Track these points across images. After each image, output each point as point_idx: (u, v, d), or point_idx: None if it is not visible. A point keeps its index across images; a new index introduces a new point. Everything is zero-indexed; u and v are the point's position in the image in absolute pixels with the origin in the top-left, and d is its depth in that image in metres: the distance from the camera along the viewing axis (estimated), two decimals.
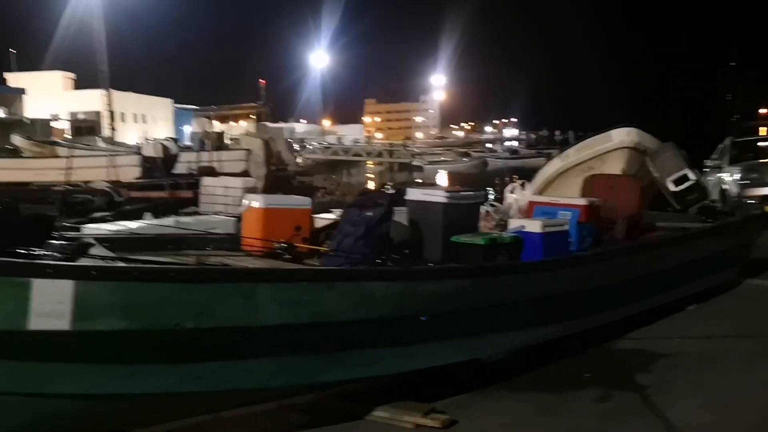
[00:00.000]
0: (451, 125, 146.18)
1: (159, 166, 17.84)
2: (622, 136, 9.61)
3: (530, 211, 6.09)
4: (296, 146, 65.41)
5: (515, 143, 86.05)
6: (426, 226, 5.24)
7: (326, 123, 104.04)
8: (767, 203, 9.22)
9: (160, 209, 16.50)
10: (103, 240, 4.88)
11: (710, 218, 7.67)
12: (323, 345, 3.85)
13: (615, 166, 9.55)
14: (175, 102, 69.38)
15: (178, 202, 16.83)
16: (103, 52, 49.69)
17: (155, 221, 8.85)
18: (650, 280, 5.94)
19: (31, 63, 59.64)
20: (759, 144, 14.27)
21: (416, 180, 47.21)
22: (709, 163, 13.13)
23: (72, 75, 60.80)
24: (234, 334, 3.52)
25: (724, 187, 12.15)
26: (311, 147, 63.87)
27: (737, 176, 11.76)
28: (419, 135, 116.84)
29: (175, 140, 29.81)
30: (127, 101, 61.41)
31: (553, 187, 10.31)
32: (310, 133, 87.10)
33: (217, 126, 52.17)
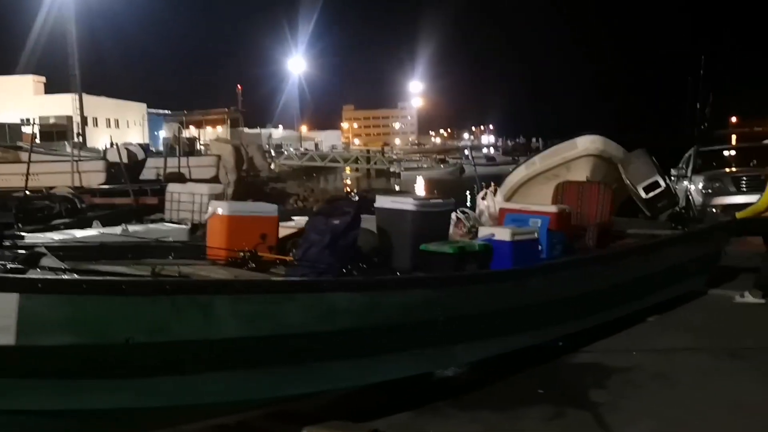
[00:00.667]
0: (430, 132, 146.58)
1: (123, 171, 17.44)
2: (586, 143, 9.56)
3: (501, 218, 6.03)
4: (273, 152, 65.25)
5: (492, 150, 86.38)
6: (395, 235, 5.12)
7: (304, 129, 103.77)
8: (730, 212, 9.17)
9: (123, 216, 16.14)
10: (61, 249, 4.68)
11: (680, 225, 7.63)
12: (284, 359, 3.69)
13: (580, 173, 9.48)
14: (152, 107, 68.67)
15: (142, 209, 16.45)
16: (75, 55, 49.04)
17: (103, 230, 8.53)
18: (620, 288, 5.86)
19: (2, 66, 58.53)
20: (724, 153, 14.33)
21: (395, 186, 47.13)
22: (674, 171, 13.15)
23: (42, 79, 59.88)
24: (190, 349, 3.36)
25: (688, 195, 12.13)
26: (287, 153, 63.52)
27: (700, 185, 11.77)
28: (397, 141, 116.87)
29: (146, 146, 29.39)
30: (100, 106, 60.73)
31: (520, 195, 10.22)
32: (288, 139, 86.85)
33: (193, 131, 51.69)
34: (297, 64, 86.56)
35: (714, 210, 10.93)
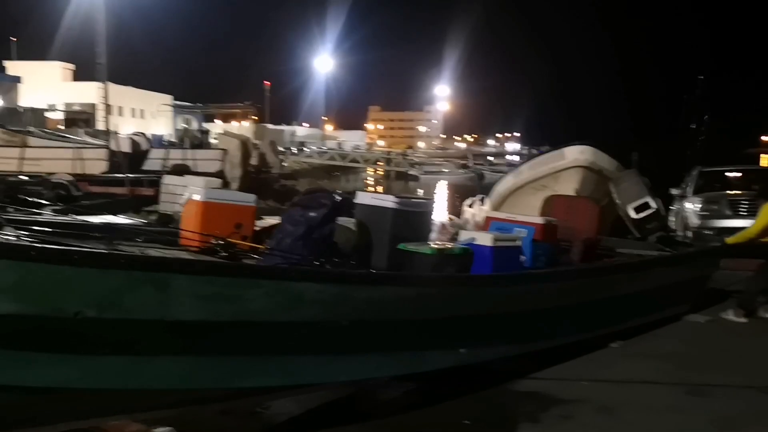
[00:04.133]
0: (455, 136, 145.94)
1: (122, 161, 17.29)
2: (575, 154, 9.16)
3: (487, 226, 5.88)
4: (294, 149, 65.09)
5: (517, 157, 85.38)
6: (373, 232, 4.99)
7: (330, 128, 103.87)
8: (724, 235, 8.75)
9: (119, 205, 15.97)
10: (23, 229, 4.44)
11: (668, 248, 7.35)
12: (244, 347, 3.51)
13: (568, 185, 9.09)
14: (177, 99, 68.96)
15: (138, 200, 16.29)
16: (102, 43, 49.33)
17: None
18: (601, 306, 5.62)
19: (34, 52, 59.28)
20: (727, 175, 13.79)
21: (419, 190, 46.92)
22: (674, 191, 12.67)
23: (71, 66, 60.60)
24: (143, 329, 3.17)
25: (684, 216, 11.64)
26: (308, 151, 63.43)
27: (698, 207, 11.28)
28: (421, 144, 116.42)
29: (159, 137, 29.32)
30: (126, 95, 61.19)
31: (507, 204, 9.84)
32: (311, 137, 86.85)
33: (219, 125, 51.63)
34: (324, 62, 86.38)
35: (709, 232, 10.46)
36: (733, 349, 5.88)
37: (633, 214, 8.37)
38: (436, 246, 4.73)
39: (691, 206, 11.50)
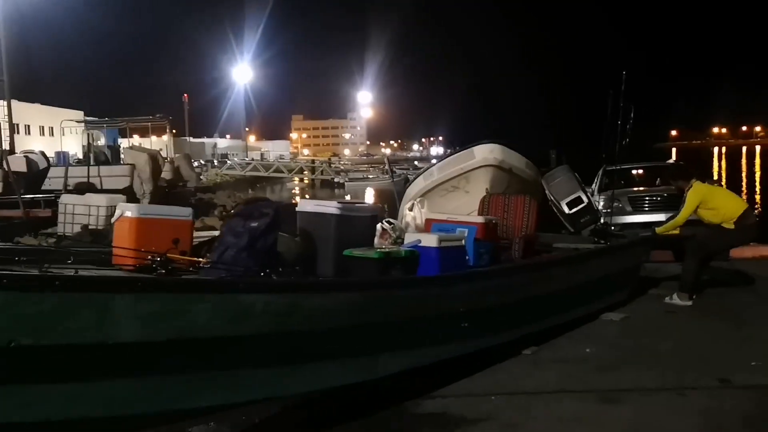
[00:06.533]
0: (381, 143, 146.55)
1: (15, 181, 16.07)
2: (485, 153, 8.94)
3: (428, 228, 5.83)
4: (215, 161, 63.55)
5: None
6: (317, 240, 4.97)
7: (252, 138, 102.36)
8: (627, 231, 8.79)
9: (14, 229, 14.93)
10: None
11: (602, 240, 7.41)
12: (192, 366, 3.31)
13: (479, 184, 8.87)
14: (93, 115, 66.15)
15: (35, 222, 15.22)
16: (3, 60, 46.95)
17: None
18: (545, 299, 5.67)
19: None
20: (632, 172, 14.07)
21: (347, 197, 46.51)
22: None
23: None
24: (84, 353, 2.95)
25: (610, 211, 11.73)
26: (230, 162, 62.04)
27: (600, 205, 11.37)
28: (347, 152, 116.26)
29: (65, 154, 27.89)
30: (33, 113, 58.46)
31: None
32: (234, 149, 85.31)
33: (137, 140, 49.62)
34: (243, 72, 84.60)
35: (612, 228, 10.53)
36: (646, 348, 5.69)
37: (566, 209, 8.41)
38: (382, 250, 4.72)
39: (597, 204, 11.57)
